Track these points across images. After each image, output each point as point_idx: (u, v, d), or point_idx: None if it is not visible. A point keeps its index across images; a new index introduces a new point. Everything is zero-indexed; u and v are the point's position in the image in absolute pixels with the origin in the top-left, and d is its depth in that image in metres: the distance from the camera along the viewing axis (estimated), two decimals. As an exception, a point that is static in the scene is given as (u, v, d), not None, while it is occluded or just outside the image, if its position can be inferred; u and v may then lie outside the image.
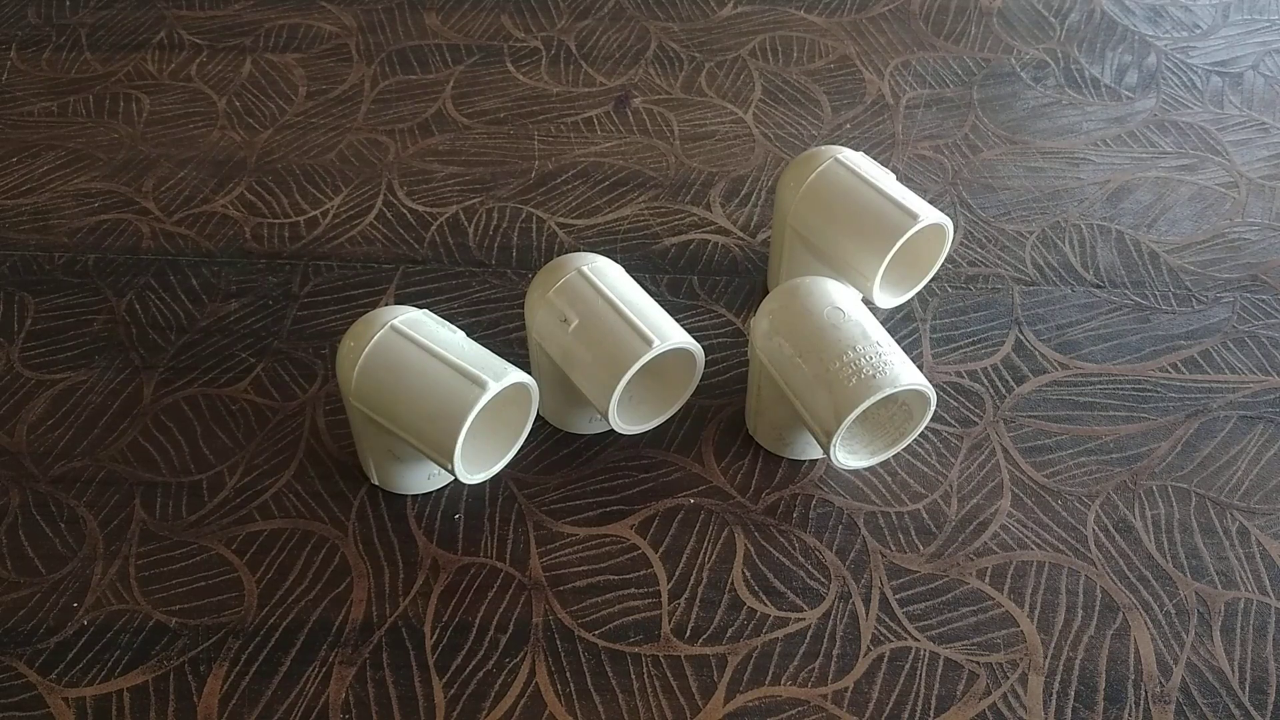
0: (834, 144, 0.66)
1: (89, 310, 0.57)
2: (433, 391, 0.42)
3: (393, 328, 0.43)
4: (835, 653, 0.44)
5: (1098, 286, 0.59)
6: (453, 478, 0.48)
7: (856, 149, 0.54)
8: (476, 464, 0.46)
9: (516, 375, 0.43)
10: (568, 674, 0.44)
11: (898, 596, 0.46)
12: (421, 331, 0.43)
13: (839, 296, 0.47)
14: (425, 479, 0.49)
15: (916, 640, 0.45)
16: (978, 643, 0.45)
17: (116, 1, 0.79)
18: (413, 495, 0.49)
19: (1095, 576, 0.47)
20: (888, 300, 0.53)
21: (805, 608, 0.46)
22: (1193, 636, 0.45)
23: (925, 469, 0.51)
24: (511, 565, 0.47)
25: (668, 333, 0.45)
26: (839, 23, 0.78)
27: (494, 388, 0.41)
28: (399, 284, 0.59)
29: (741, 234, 0.62)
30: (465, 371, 0.42)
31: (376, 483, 0.49)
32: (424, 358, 0.42)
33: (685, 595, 0.46)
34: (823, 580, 0.47)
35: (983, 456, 0.51)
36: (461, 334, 0.45)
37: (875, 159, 0.56)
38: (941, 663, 0.44)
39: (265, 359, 0.55)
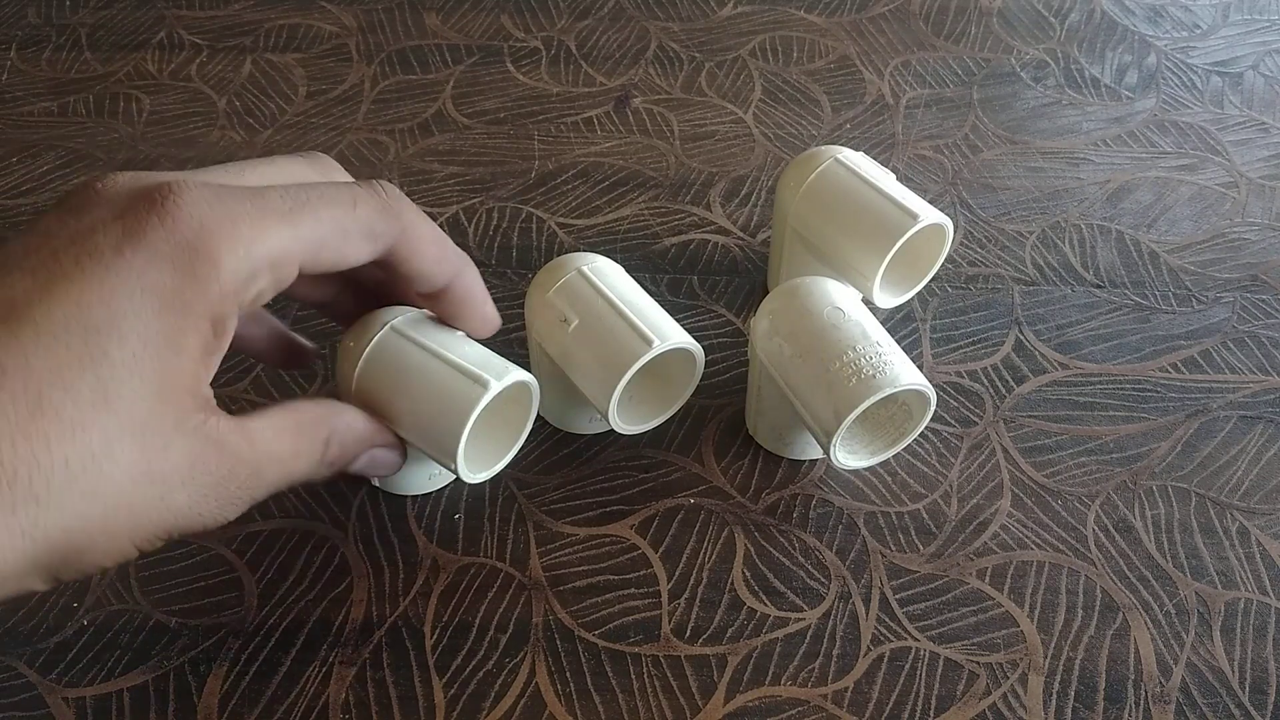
0: (834, 144, 0.66)
1: (89, 310, 0.57)
2: (434, 391, 0.42)
3: (392, 328, 0.43)
4: (835, 653, 0.44)
5: (1098, 286, 0.59)
6: (454, 477, 0.48)
7: (856, 149, 0.54)
8: (478, 463, 0.45)
9: (518, 374, 0.43)
10: (568, 674, 0.44)
11: (898, 596, 0.46)
12: (421, 331, 0.43)
13: (839, 296, 0.47)
14: (426, 479, 0.49)
15: (916, 640, 0.45)
16: (978, 643, 0.45)
17: (116, 1, 0.79)
18: (413, 495, 0.49)
19: (1095, 576, 0.47)
20: (888, 300, 0.53)
21: (805, 608, 0.46)
22: (1193, 636, 0.45)
23: (925, 469, 0.51)
24: (511, 565, 0.47)
25: (668, 333, 0.45)
26: (839, 23, 0.78)
27: (496, 387, 0.41)
28: (399, 284, 0.58)
29: (741, 234, 0.62)
30: (466, 371, 0.42)
31: (377, 483, 0.49)
32: (425, 357, 0.42)
33: (685, 595, 0.46)
34: (823, 580, 0.47)
35: (983, 456, 0.51)
36: (461, 333, 0.45)
37: (875, 159, 0.56)
38: (941, 663, 0.44)
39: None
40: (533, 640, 0.45)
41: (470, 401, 0.41)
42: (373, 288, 0.44)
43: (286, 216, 0.32)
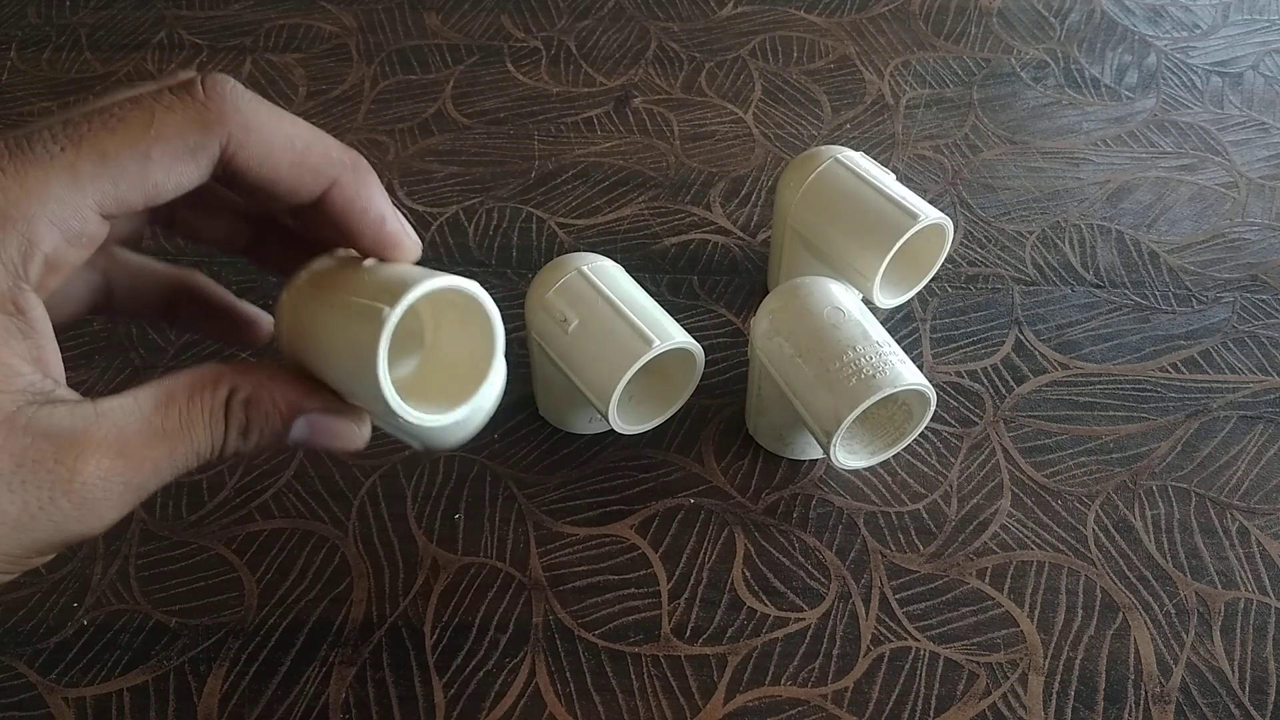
0: (834, 144, 0.66)
1: (89, 310, 0.57)
2: (337, 340, 0.32)
3: (299, 281, 0.33)
4: (835, 653, 0.44)
5: (1098, 286, 0.59)
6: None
7: (856, 149, 0.54)
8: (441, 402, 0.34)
9: (431, 284, 0.30)
10: (568, 674, 0.44)
11: (898, 596, 0.46)
12: (332, 274, 0.33)
13: (839, 296, 0.47)
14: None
15: (916, 640, 0.45)
16: (978, 643, 0.45)
17: (116, 1, 0.79)
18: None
19: (1095, 576, 0.47)
20: (888, 300, 0.53)
21: (805, 608, 0.46)
22: (1193, 636, 0.45)
23: (925, 469, 0.51)
24: (511, 565, 0.47)
25: (668, 332, 0.45)
26: (839, 23, 0.78)
27: (391, 317, 0.30)
28: (399, 284, 0.58)
29: (741, 234, 0.62)
30: (358, 308, 0.31)
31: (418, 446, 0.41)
32: (324, 305, 0.33)
33: (685, 595, 0.46)
34: (823, 580, 0.47)
35: (983, 456, 0.51)
36: (379, 261, 0.34)
37: (875, 159, 0.56)
38: (941, 663, 0.44)
39: (266, 359, 0.55)
40: (533, 640, 0.45)
41: (368, 342, 0.30)
42: (294, 225, 0.35)
43: (60, 161, 0.26)
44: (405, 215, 0.32)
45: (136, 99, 0.28)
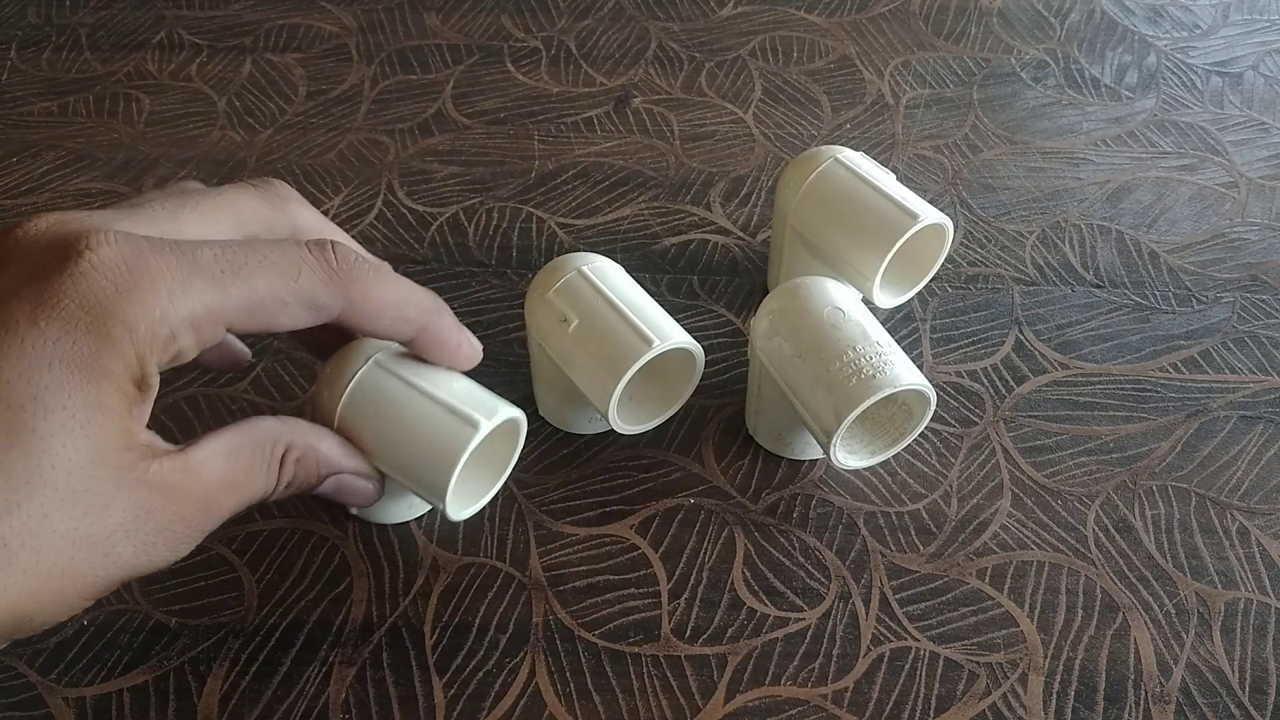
0: (834, 144, 0.66)
1: (89, 310, 0.57)
2: (423, 431, 0.40)
3: (377, 363, 0.41)
4: (835, 653, 0.44)
5: (1098, 286, 0.59)
6: (429, 507, 0.48)
7: (856, 149, 0.54)
8: (462, 498, 0.44)
9: (508, 411, 0.41)
10: (568, 674, 0.44)
11: (898, 596, 0.46)
12: (407, 366, 0.41)
13: (839, 296, 0.47)
14: (406, 508, 0.48)
15: (916, 640, 0.45)
16: (978, 643, 0.45)
17: (116, 1, 0.79)
18: (391, 524, 0.49)
19: (1095, 576, 0.47)
20: (888, 300, 0.53)
21: (805, 608, 0.46)
22: (1193, 636, 0.45)
23: (925, 469, 0.51)
24: (511, 565, 0.47)
25: (668, 333, 0.45)
26: (839, 23, 0.78)
27: (486, 427, 0.40)
28: (399, 284, 0.58)
29: (741, 234, 0.62)
30: (457, 411, 0.40)
31: (355, 512, 0.48)
32: (412, 395, 0.40)
33: (685, 595, 0.46)
34: (823, 580, 0.47)
35: (983, 456, 0.51)
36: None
37: (875, 159, 0.56)
38: (941, 663, 0.44)
39: (265, 359, 0.55)
40: (533, 640, 0.45)
41: (461, 442, 0.40)
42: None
43: (216, 279, 0.31)
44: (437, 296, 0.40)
45: (284, 250, 0.33)
